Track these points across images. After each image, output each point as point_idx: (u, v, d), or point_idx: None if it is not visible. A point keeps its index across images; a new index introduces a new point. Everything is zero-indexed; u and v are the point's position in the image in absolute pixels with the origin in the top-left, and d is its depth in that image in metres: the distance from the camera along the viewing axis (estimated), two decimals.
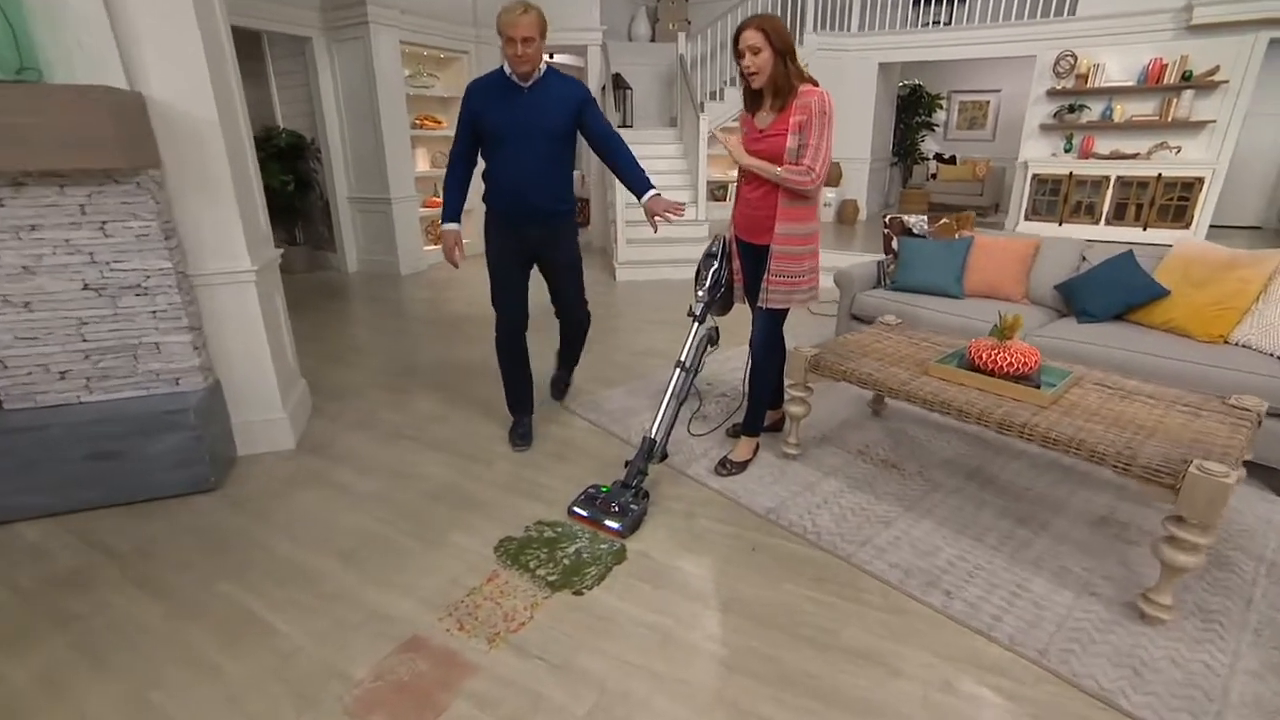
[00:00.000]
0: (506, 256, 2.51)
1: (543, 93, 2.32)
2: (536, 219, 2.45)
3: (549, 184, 2.41)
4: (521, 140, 2.32)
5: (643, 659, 1.57)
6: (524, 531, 2.08)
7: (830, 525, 2.15)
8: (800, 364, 2.42)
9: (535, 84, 2.31)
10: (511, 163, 2.36)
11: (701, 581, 1.87)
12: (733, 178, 8.03)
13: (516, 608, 1.74)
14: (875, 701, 1.48)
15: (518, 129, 2.31)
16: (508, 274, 2.53)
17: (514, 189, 2.39)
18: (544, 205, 2.42)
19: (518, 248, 2.50)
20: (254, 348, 2.49)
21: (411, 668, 1.54)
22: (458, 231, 2.52)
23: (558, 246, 2.55)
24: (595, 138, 2.47)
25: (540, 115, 2.31)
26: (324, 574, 1.87)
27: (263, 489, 2.32)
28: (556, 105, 2.34)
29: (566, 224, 2.57)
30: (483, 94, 2.35)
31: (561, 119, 2.35)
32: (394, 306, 4.83)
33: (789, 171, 2.14)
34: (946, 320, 3.15)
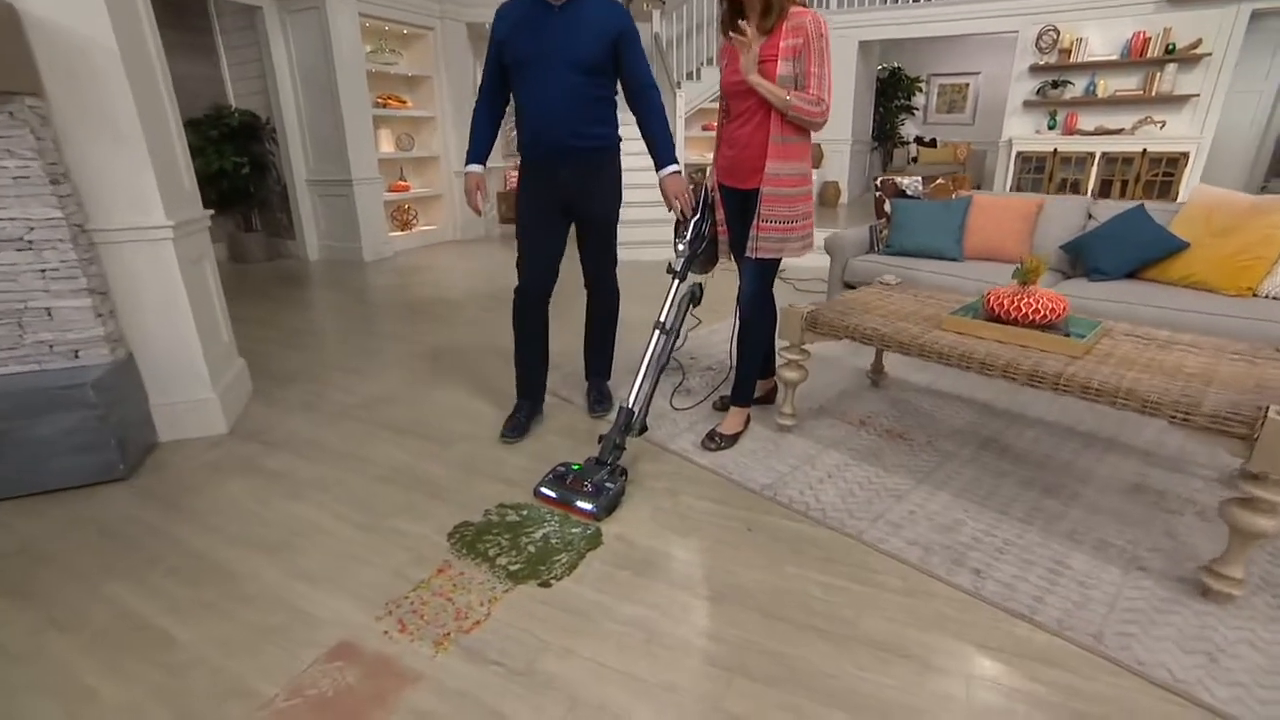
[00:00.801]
0: (536, 208, 2.19)
1: (575, 14, 1.99)
2: (566, 159, 2.11)
3: (579, 118, 2.07)
4: (547, 69, 2.00)
5: (623, 661, 1.29)
6: (483, 516, 1.79)
7: (835, 501, 1.88)
8: (795, 322, 2.15)
9: (569, 1, 1.99)
10: (537, 94, 2.04)
11: (691, 568, 1.59)
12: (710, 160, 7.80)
13: (471, 603, 1.45)
14: (910, 705, 1.21)
15: (543, 57, 1.99)
16: (535, 228, 2.20)
17: (539, 124, 2.08)
18: (573, 143, 2.09)
19: (548, 197, 2.17)
20: (176, 320, 2.17)
21: (337, 680, 1.24)
22: (481, 174, 2.18)
23: (591, 195, 2.20)
24: (629, 81, 2.13)
25: (570, 41, 1.99)
26: (243, 571, 1.56)
27: (183, 477, 2.00)
28: (590, 30, 2.01)
29: (602, 169, 2.20)
30: (510, 17, 2.03)
31: (593, 48, 2.02)
32: (356, 293, 4.50)
33: (799, 99, 1.88)
34: (946, 283, 2.92)
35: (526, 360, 2.31)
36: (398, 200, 6.30)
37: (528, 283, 2.23)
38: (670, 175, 2.17)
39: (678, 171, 2.19)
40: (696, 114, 7.42)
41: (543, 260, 2.22)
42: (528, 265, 2.22)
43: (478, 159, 2.19)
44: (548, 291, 2.27)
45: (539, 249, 2.21)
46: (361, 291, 4.57)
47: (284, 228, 5.94)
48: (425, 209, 6.69)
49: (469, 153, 2.20)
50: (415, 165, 6.56)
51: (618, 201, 2.28)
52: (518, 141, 2.19)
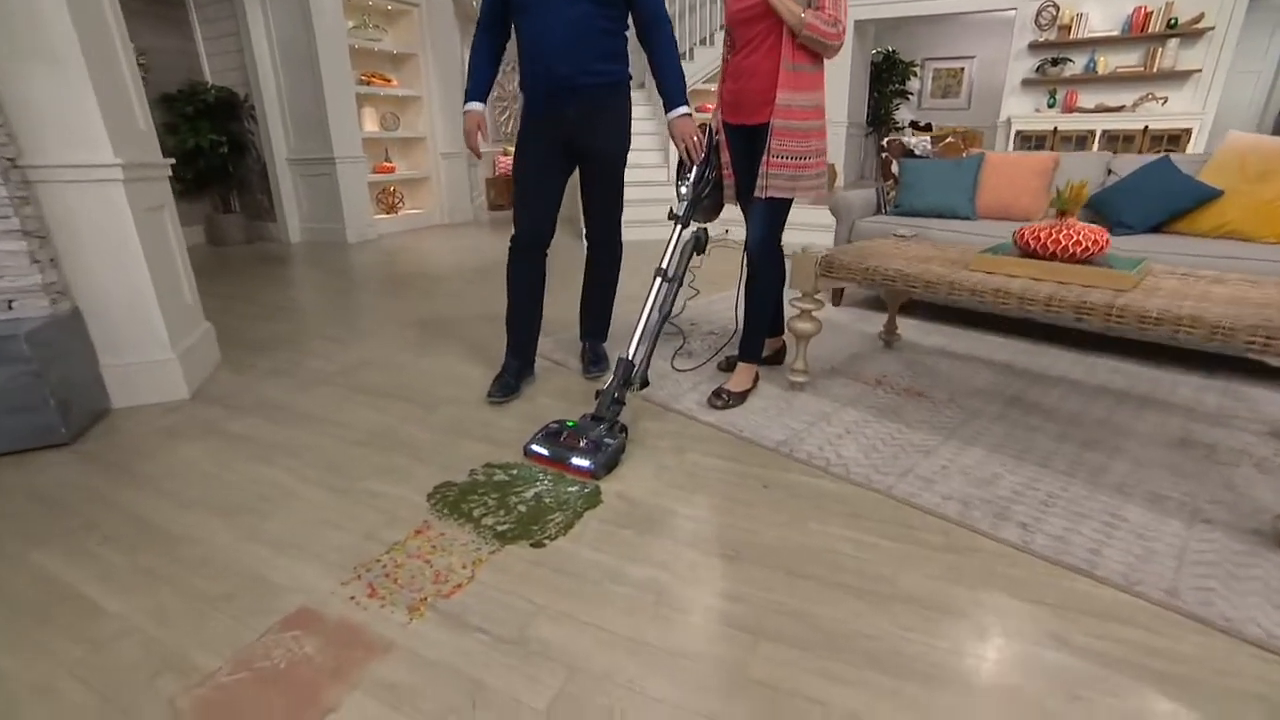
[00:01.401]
0: (537, 150, 2.00)
1: None
2: (572, 98, 1.93)
3: (586, 53, 1.89)
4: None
5: (629, 626, 1.11)
6: (468, 476, 1.60)
7: (858, 456, 1.71)
8: (809, 268, 1.97)
9: None
10: (541, 26, 1.86)
11: (702, 526, 1.41)
12: None
13: (452, 566, 1.26)
14: (966, 668, 1.03)
15: None
16: (535, 172, 2.02)
17: (543, 59, 1.89)
18: (580, 80, 1.90)
19: (551, 137, 1.98)
20: (130, 272, 1.97)
21: (292, 651, 1.05)
22: (481, 113, 1.99)
23: (598, 131, 2.00)
24: (640, 11, 1.95)
25: None
26: (192, 535, 1.37)
27: (135, 442, 1.80)
28: None
29: (609, 104, 2.01)
30: None
31: None
32: (338, 271, 4.29)
33: (814, 17, 1.71)
34: (961, 241, 2.75)
35: (519, 316, 2.12)
36: (383, 182, 6.09)
37: (524, 230, 2.04)
38: (681, 116, 1.99)
39: (689, 113, 2.01)
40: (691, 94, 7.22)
41: (541, 207, 2.03)
42: (525, 211, 2.03)
43: (478, 97, 2.00)
44: (545, 241, 2.08)
45: (538, 194, 2.02)
46: (344, 270, 4.36)
47: (264, 210, 5.72)
48: (412, 192, 6.49)
49: (468, 90, 2.01)
50: (401, 147, 6.35)
51: (627, 141, 2.10)
52: (519, 79, 2.00)
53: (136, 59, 2.11)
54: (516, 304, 2.11)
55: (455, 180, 6.65)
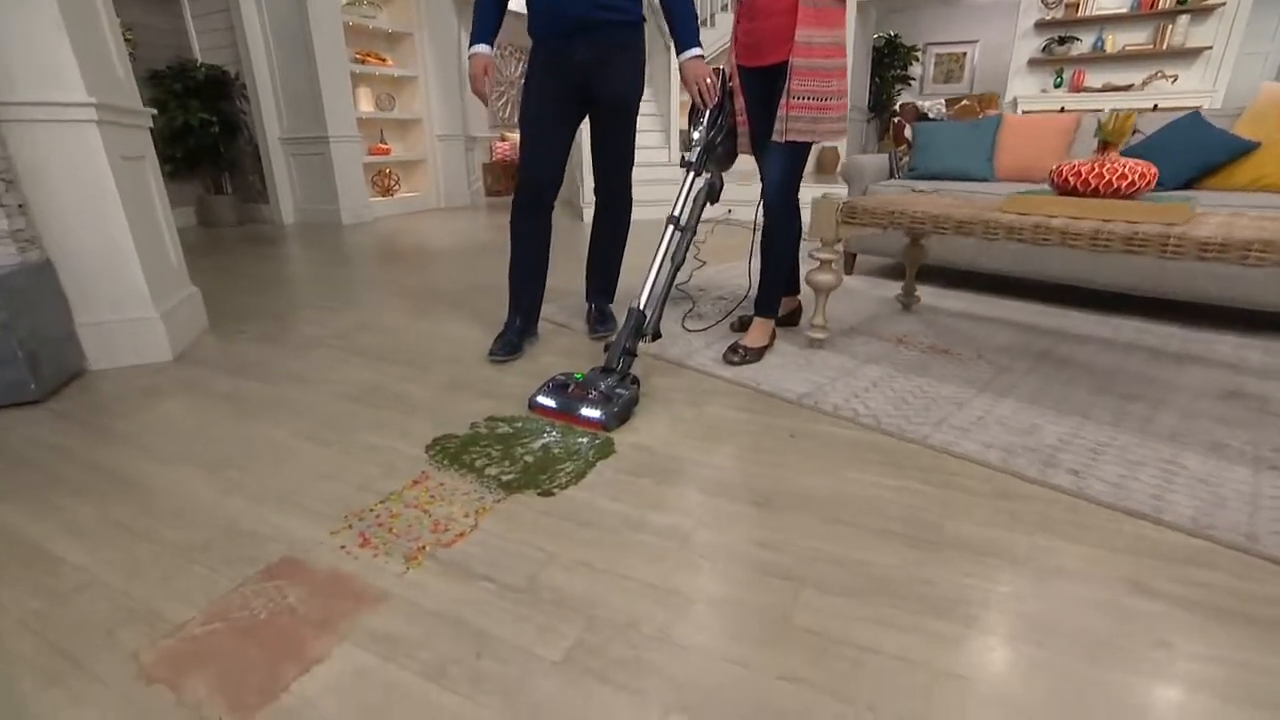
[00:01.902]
0: (545, 95, 1.88)
1: None
2: (585, 37, 1.81)
3: None
4: None
5: (655, 574, 0.99)
6: (469, 429, 1.48)
7: (887, 408, 1.59)
8: (829, 214, 1.85)
9: None
10: None
11: (728, 474, 1.29)
12: None
13: (453, 515, 1.14)
14: (1037, 613, 0.91)
15: None
16: (543, 118, 1.89)
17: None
18: (595, 15, 1.78)
19: (562, 81, 1.86)
20: (107, 222, 1.85)
21: (274, 602, 0.93)
22: (487, 56, 1.85)
23: (612, 74, 1.88)
24: None
25: None
26: (168, 488, 1.25)
27: (112, 402, 1.68)
28: None
29: (622, 44, 1.89)
30: None
31: None
32: (332, 249, 4.15)
33: None
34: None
35: (523, 271, 2.00)
36: (378, 164, 5.96)
37: (531, 180, 1.92)
38: (693, 59, 1.87)
39: (701, 55, 1.88)
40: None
41: (549, 155, 1.91)
42: (532, 160, 1.91)
43: (484, 39, 1.87)
44: (552, 193, 1.96)
45: (546, 141, 1.90)
46: (338, 248, 4.23)
47: (257, 191, 5.58)
48: (408, 175, 6.35)
49: (473, 33, 1.88)
50: (397, 128, 6.21)
51: (640, 86, 1.98)
52: (529, 20, 1.88)
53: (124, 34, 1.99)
54: (521, 259, 1.99)
55: (452, 164, 6.52)
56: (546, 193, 1.93)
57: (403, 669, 0.82)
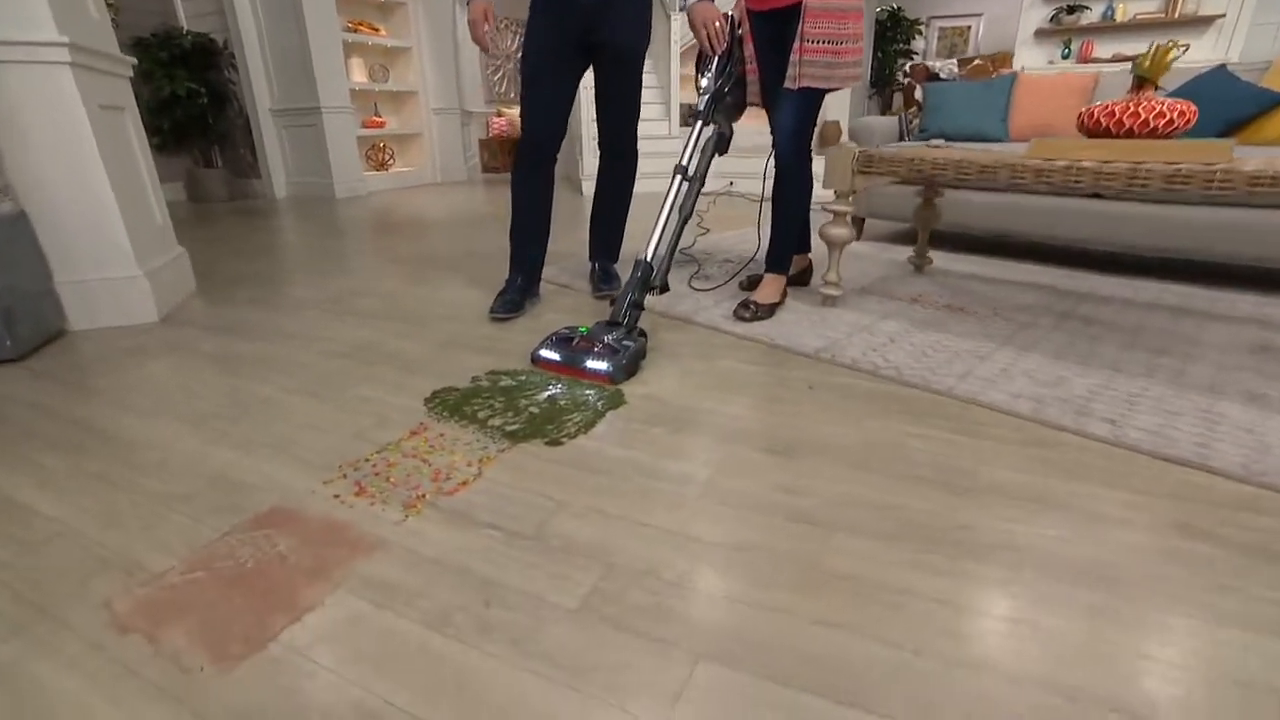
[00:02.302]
0: (547, 44, 1.78)
1: None
2: None
3: None
4: None
5: (672, 520, 0.92)
6: (470, 382, 1.41)
7: (908, 361, 1.52)
8: (845, 163, 1.77)
9: None
10: None
11: (746, 423, 1.22)
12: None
13: (455, 464, 1.07)
14: (1086, 557, 0.85)
15: None
16: (545, 68, 1.79)
17: None
18: None
19: (564, 28, 1.76)
20: (85, 174, 1.75)
21: (262, 550, 0.86)
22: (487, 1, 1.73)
23: (613, 21, 1.76)
24: None
25: None
26: (151, 441, 1.17)
27: (92, 361, 1.60)
28: None
29: None
30: None
31: None
32: (325, 220, 4.05)
33: None
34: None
35: (525, 226, 1.91)
36: (372, 137, 5.83)
37: (532, 131, 1.83)
38: (701, 1, 1.77)
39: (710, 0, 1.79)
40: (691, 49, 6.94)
41: (551, 106, 1.82)
42: (534, 112, 1.82)
43: None
44: (554, 146, 1.87)
45: (548, 92, 1.81)
46: (331, 220, 4.13)
47: (248, 165, 5.45)
48: (403, 149, 6.22)
49: None
50: (391, 101, 6.07)
51: (647, 34, 1.89)
52: None
53: None
54: (522, 213, 1.90)
55: (448, 138, 6.39)
56: (548, 145, 1.84)
57: (401, 616, 0.75)
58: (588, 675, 0.67)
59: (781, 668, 0.67)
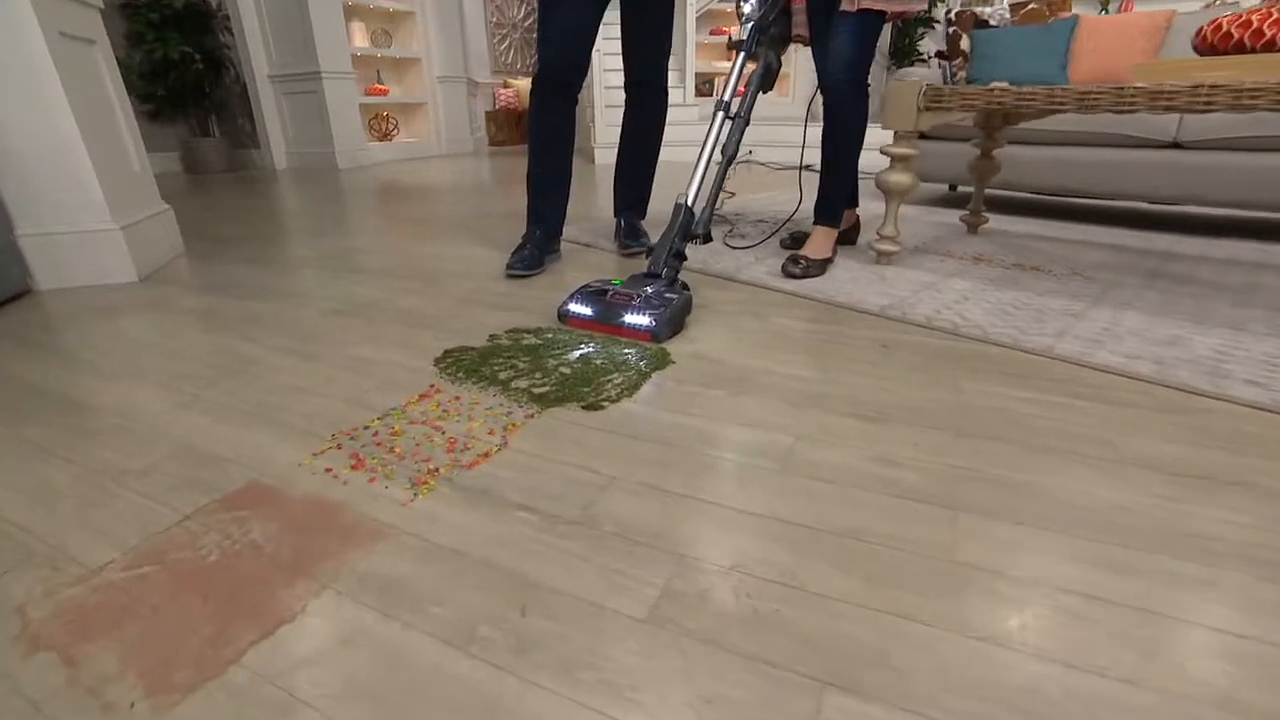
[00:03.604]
0: None
1: None
2: None
3: None
4: None
5: (750, 500, 0.72)
6: (488, 340, 1.21)
7: (990, 320, 1.31)
8: (907, 100, 1.55)
9: None
10: None
11: (818, 385, 1.01)
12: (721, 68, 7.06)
13: (473, 432, 0.87)
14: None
15: None
16: None
17: None
18: None
19: None
20: (47, 111, 1.55)
21: (230, 538, 0.66)
22: None
23: None
24: None
25: None
26: (110, 405, 0.98)
27: (56, 318, 1.40)
28: None
29: None
30: None
31: None
32: (328, 187, 3.83)
33: None
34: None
35: (545, 171, 1.70)
36: (375, 105, 5.59)
37: (552, 59, 1.61)
38: None
39: None
40: (706, 15, 6.66)
41: (573, 32, 1.60)
42: (553, 37, 1.60)
43: None
44: (577, 75, 1.65)
45: (570, 16, 1.59)
46: (334, 186, 3.92)
47: (246, 135, 5.24)
48: (407, 119, 5.99)
49: None
50: (394, 68, 5.82)
51: None
52: None
53: None
54: (542, 155, 1.69)
55: (454, 108, 6.14)
56: (570, 73, 1.62)
57: (410, 628, 0.55)
58: (668, 712, 0.47)
59: (946, 701, 0.48)
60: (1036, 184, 2.38)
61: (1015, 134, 2.39)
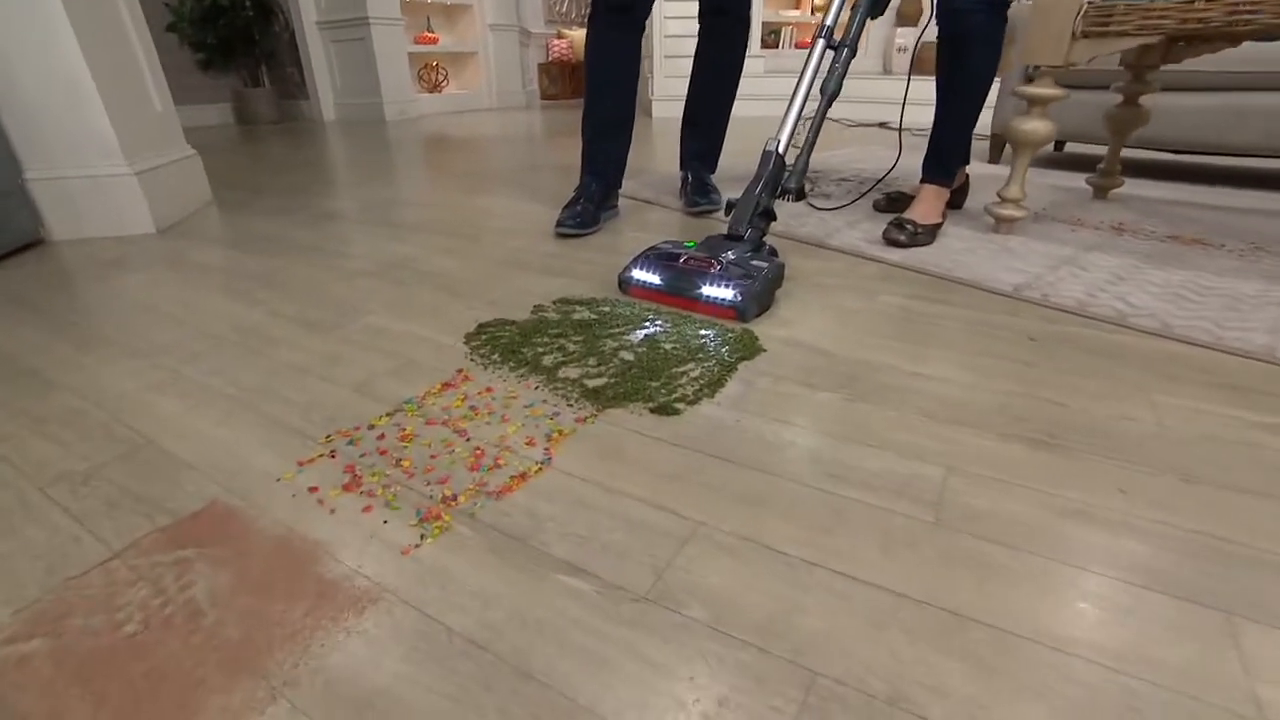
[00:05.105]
0: None
1: None
2: None
3: None
4: None
5: (901, 574, 0.49)
6: (531, 313, 0.99)
7: (1167, 307, 1.02)
8: (1060, 22, 1.23)
9: None
10: None
11: (961, 391, 0.76)
12: (790, 17, 6.56)
13: (508, 439, 0.66)
14: None
15: None
16: None
17: None
18: None
19: None
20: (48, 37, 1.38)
21: (164, 595, 0.47)
22: None
23: None
24: None
25: None
26: (71, 383, 0.81)
27: (56, 274, 1.25)
28: None
29: None
30: None
31: None
32: (374, 138, 3.65)
33: None
34: None
35: (603, 110, 1.45)
36: (425, 54, 5.37)
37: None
38: None
39: None
40: None
41: None
42: None
43: None
44: (640, 1, 1.39)
45: None
46: (379, 138, 3.74)
47: (295, 85, 5.11)
48: (457, 70, 5.76)
49: None
50: (445, 16, 5.58)
51: None
52: None
53: None
54: (601, 93, 1.44)
55: (506, 58, 5.88)
56: (628, 3, 1.35)
57: None
58: None
59: None
60: (1189, 139, 1.99)
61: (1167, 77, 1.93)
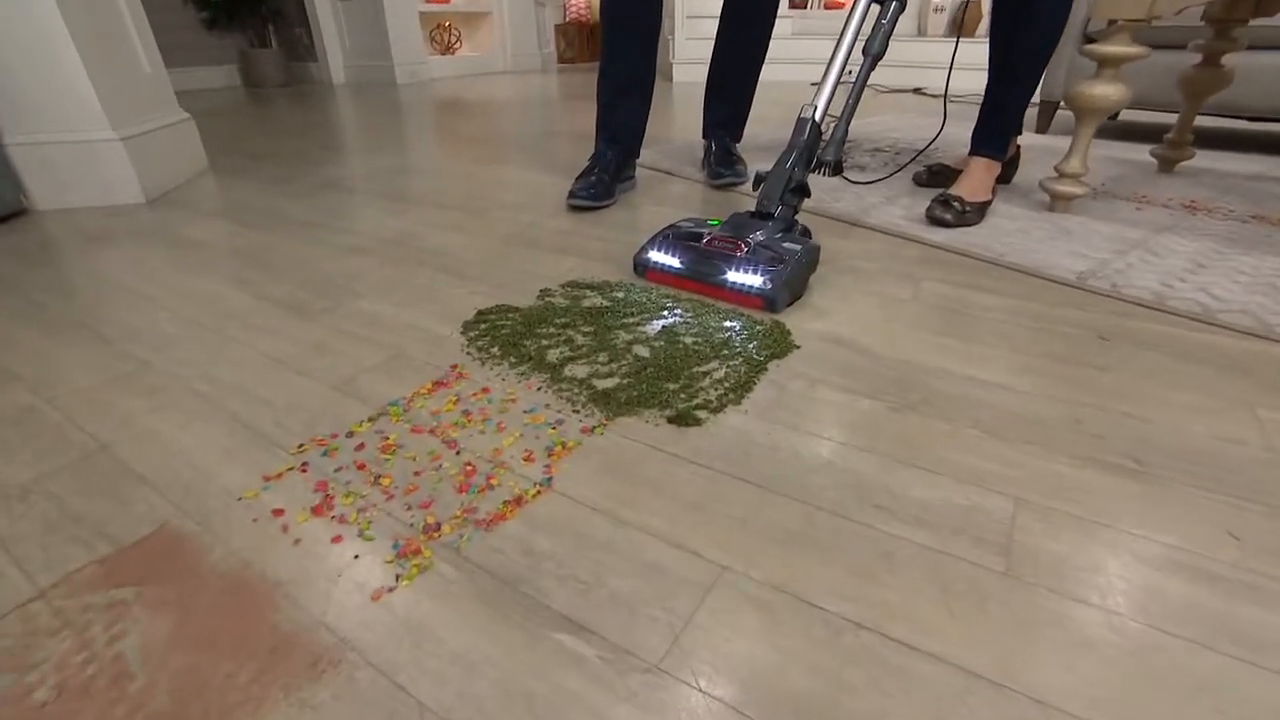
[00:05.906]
0: None
1: None
2: None
3: None
4: None
5: (976, 644, 0.39)
6: (537, 298, 0.89)
7: (1262, 302, 0.90)
8: None
9: None
10: None
11: (1031, 401, 0.66)
12: None
13: (502, 455, 0.57)
14: None
15: None
16: None
17: None
18: None
19: None
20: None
21: (90, 651, 0.39)
22: None
23: None
24: None
25: None
26: (36, 374, 0.74)
27: (37, 247, 1.17)
28: None
29: None
30: None
31: None
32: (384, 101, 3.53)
33: None
34: None
35: (619, 74, 1.33)
36: (437, 14, 5.20)
37: None
38: None
39: None
40: None
41: None
42: None
43: None
44: None
45: None
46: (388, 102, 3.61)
47: (304, 48, 4.96)
48: (470, 31, 5.58)
49: None
50: None
51: None
52: None
53: None
54: (615, 51, 1.32)
55: (521, 19, 5.68)
56: None
57: None
58: None
59: None
60: (1275, 105, 1.81)
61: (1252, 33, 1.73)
